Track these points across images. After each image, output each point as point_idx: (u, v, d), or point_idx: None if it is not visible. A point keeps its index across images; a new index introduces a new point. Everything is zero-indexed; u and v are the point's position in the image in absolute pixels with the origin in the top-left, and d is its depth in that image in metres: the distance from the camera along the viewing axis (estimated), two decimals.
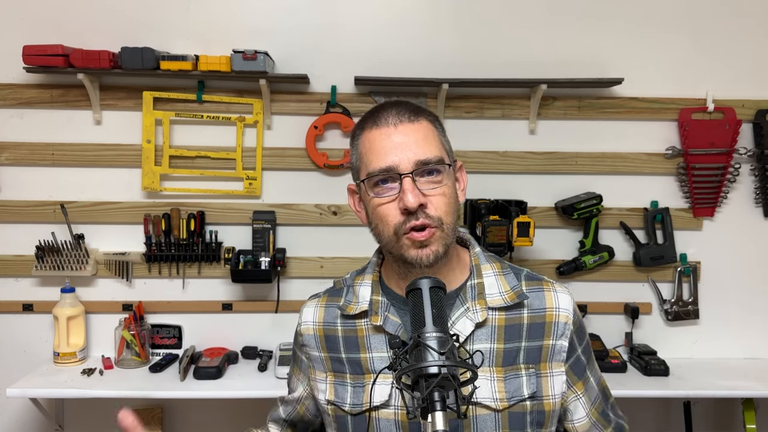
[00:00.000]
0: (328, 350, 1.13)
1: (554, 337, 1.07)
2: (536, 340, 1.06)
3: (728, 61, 2.26)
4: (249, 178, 2.23)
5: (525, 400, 1.03)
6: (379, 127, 1.03)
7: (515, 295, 1.07)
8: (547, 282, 1.12)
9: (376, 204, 1.03)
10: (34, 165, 2.20)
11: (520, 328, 1.06)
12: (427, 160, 1.00)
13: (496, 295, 1.07)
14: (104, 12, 2.16)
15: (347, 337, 1.11)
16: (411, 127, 1.02)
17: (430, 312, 0.86)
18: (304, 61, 2.19)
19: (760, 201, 2.30)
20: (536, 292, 1.09)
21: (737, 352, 2.35)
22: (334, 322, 1.13)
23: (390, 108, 1.04)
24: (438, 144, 1.03)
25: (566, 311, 1.08)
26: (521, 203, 2.20)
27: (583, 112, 2.26)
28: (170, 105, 2.20)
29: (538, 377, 1.05)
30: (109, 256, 2.22)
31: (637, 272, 2.32)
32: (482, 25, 2.22)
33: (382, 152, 1.01)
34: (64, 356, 2.15)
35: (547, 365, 1.06)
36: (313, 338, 1.15)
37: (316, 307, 1.17)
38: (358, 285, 1.14)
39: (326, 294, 1.19)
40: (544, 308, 1.08)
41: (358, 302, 1.11)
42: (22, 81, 2.17)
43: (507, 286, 1.08)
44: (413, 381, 0.83)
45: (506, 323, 1.06)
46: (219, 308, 2.28)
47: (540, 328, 1.07)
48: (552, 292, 1.10)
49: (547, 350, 1.06)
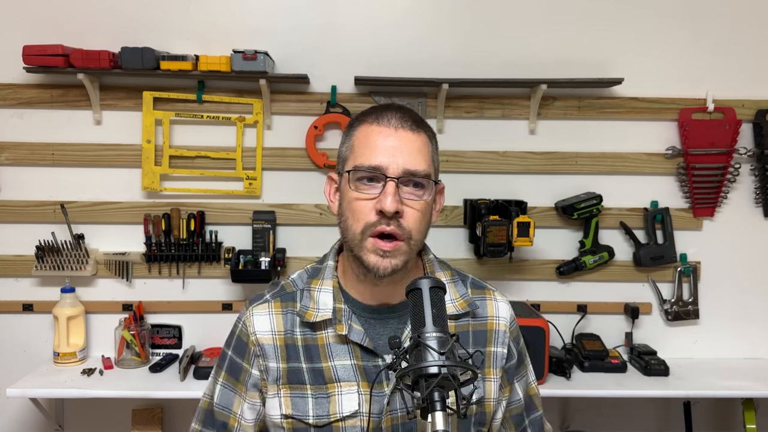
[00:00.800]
0: (287, 360, 1.07)
1: (495, 344, 1.11)
2: (480, 347, 1.10)
3: (728, 61, 2.26)
4: (249, 178, 2.23)
5: (472, 404, 1.05)
6: (380, 125, 1.03)
7: (465, 304, 1.11)
8: (489, 290, 1.16)
9: (353, 197, 1.02)
10: (34, 165, 2.20)
11: (466, 336, 1.10)
12: (416, 172, 1.00)
13: (448, 302, 1.05)
14: (104, 12, 2.16)
15: (307, 346, 1.06)
16: (410, 135, 1.02)
17: (430, 312, 0.86)
18: (304, 61, 2.19)
19: (760, 201, 2.30)
20: (480, 300, 1.13)
21: (737, 352, 2.35)
22: (293, 330, 1.08)
23: (395, 111, 1.04)
24: (429, 160, 1.04)
25: (505, 320, 1.13)
26: (521, 203, 2.20)
27: (583, 112, 2.26)
28: (170, 105, 2.20)
29: (484, 381, 1.10)
30: (109, 256, 2.22)
31: (637, 272, 2.32)
32: (482, 25, 2.22)
33: (375, 150, 1.01)
34: (64, 356, 2.15)
35: (492, 371, 1.10)
36: (273, 348, 1.08)
37: (271, 314, 1.10)
38: (316, 290, 1.10)
39: (277, 298, 1.12)
40: (486, 317, 1.12)
41: (319, 309, 1.07)
42: (22, 81, 2.17)
43: (457, 294, 1.12)
44: (413, 381, 0.83)
45: (456, 331, 1.08)
46: (219, 308, 2.28)
47: (483, 335, 1.11)
48: (493, 301, 1.14)
49: (491, 356, 1.11)
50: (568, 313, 2.31)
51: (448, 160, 2.22)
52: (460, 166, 2.25)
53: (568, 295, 2.32)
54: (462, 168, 2.25)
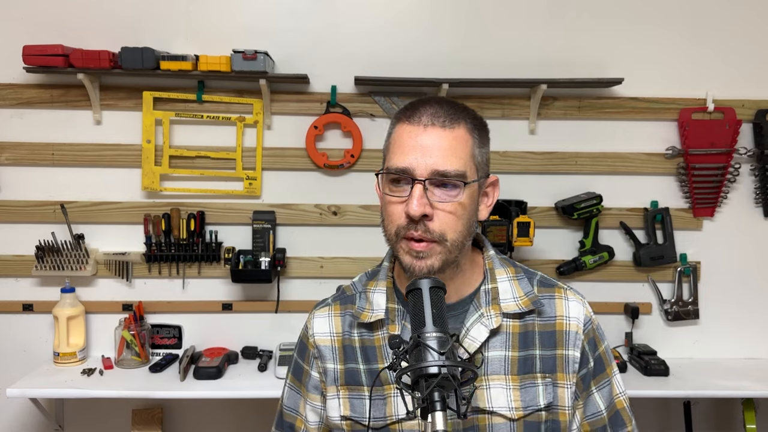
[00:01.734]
0: (345, 362, 1.07)
1: (566, 347, 1.04)
2: (549, 349, 1.03)
3: (728, 61, 2.26)
4: (249, 178, 2.23)
5: (540, 410, 1.01)
6: (411, 122, 0.98)
7: (530, 302, 1.04)
8: (560, 288, 1.09)
9: (386, 200, 1.00)
10: (34, 165, 2.20)
11: (533, 336, 1.04)
12: (446, 172, 0.95)
13: (510, 300, 1.04)
14: (104, 12, 2.16)
15: (365, 347, 1.06)
16: (441, 133, 0.96)
17: (430, 312, 0.86)
18: (304, 61, 2.19)
19: (760, 201, 2.30)
20: (548, 299, 1.07)
21: (737, 352, 2.35)
22: (350, 331, 1.08)
23: (429, 106, 0.99)
24: (467, 156, 0.98)
25: (576, 320, 1.05)
26: (521, 203, 2.20)
27: (583, 112, 2.26)
28: (170, 105, 2.20)
29: (555, 387, 1.03)
30: (109, 256, 2.22)
31: (637, 272, 2.32)
32: (482, 25, 2.22)
33: (404, 150, 0.97)
34: (64, 356, 2.15)
35: (564, 375, 1.03)
36: (331, 350, 1.08)
37: (330, 317, 1.11)
38: (372, 291, 1.09)
39: (337, 301, 1.13)
40: (554, 316, 1.05)
41: (373, 310, 1.07)
42: (22, 81, 2.17)
43: (521, 292, 1.06)
44: (413, 381, 0.82)
45: (520, 330, 1.04)
46: (219, 308, 2.28)
47: (551, 336, 1.04)
48: (563, 300, 1.07)
49: (562, 360, 1.04)
50: None
51: None
52: None
53: None
54: None
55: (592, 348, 1.07)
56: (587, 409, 1.07)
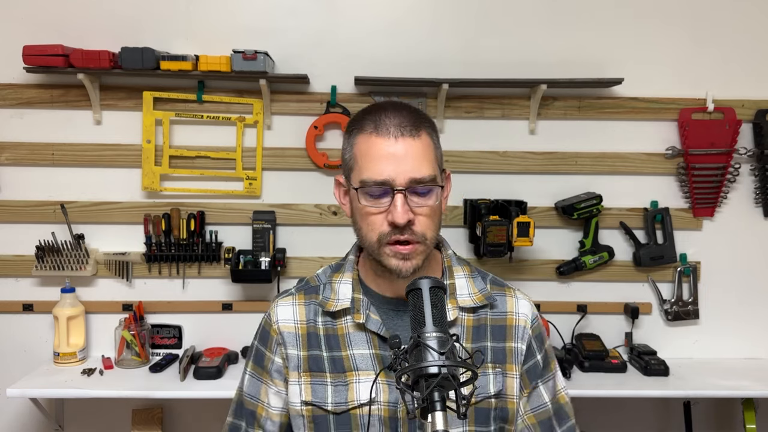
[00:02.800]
0: (308, 349, 1.11)
1: (515, 340, 1.11)
2: (500, 342, 1.10)
3: (728, 61, 2.26)
4: (249, 178, 2.23)
5: (490, 397, 1.07)
6: (380, 134, 1.01)
7: (483, 297, 1.12)
8: (509, 288, 1.17)
9: (366, 212, 1.04)
10: (34, 165, 2.20)
11: (485, 329, 1.10)
12: (422, 179, 1.00)
13: (465, 296, 1.12)
14: (104, 12, 2.16)
15: (328, 335, 1.10)
16: (411, 142, 1.01)
17: (430, 312, 0.87)
18: (304, 61, 2.19)
19: (760, 201, 2.30)
20: (500, 296, 1.14)
21: (737, 352, 2.35)
22: (315, 319, 1.12)
23: (392, 115, 1.03)
24: (433, 159, 1.04)
25: (525, 316, 1.13)
26: (521, 203, 2.20)
27: (583, 112, 2.26)
28: (170, 105, 2.20)
29: (504, 376, 1.09)
30: (109, 256, 2.22)
31: (637, 272, 2.32)
32: (482, 25, 2.22)
33: (379, 163, 1.01)
34: (64, 356, 2.15)
35: (513, 366, 1.10)
36: (294, 336, 1.12)
37: (294, 305, 1.15)
38: (337, 282, 1.15)
39: (301, 291, 1.17)
40: (506, 312, 1.13)
41: (338, 299, 1.12)
42: (22, 81, 2.17)
43: (475, 288, 1.13)
44: (413, 381, 0.83)
45: (473, 324, 1.10)
46: (219, 308, 2.28)
47: (502, 330, 1.11)
48: (513, 298, 1.15)
49: (511, 352, 1.10)
50: (568, 313, 2.31)
51: (448, 160, 2.22)
52: (460, 166, 2.24)
53: (568, 295, 2.32)
54: (462, 168, 2.25)
55: (538, 343, 1.14)
56: (532, 401, 1.13)
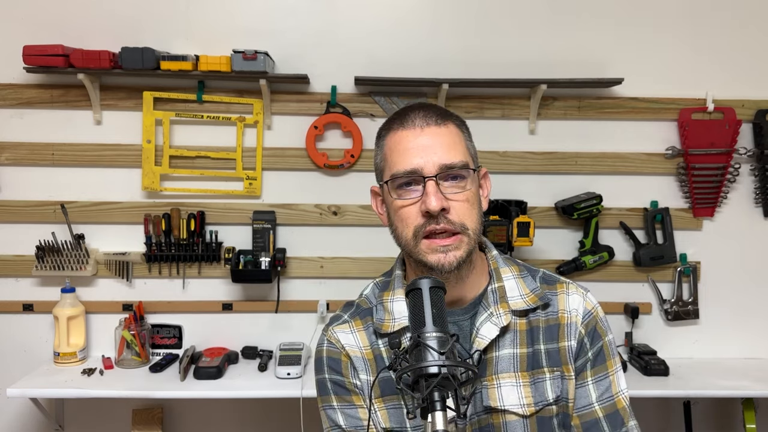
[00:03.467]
0: (378, 372, 1.05)
1: (568, 338, 1.05)
2: (553, 342, 1.05)
3: (728, 61, 2.26)
4: (249, 178, 2.23)
5: (551, 404, 1.02)
6: (406, 128, 1.01)
7: (536, 298, 1.06)
8: (562, 283, 1.10)
9: (398, 206, 1.01)
10: (34, 165, 2.20)
11: (538, 331, 1.05)
12: (452, 164, 0.98)
13: (517, 298, 1.06)
14: (104, 12, 2.16)
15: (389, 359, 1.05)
16: (438, 130, 1.00)
17: (430, 312, 0.86)
18: (304, 61, 2.19)
19: (760, 201, 2.30)
20: (552, 294, 1.08)
21: (737, 352, 2.35)
22: (377, 342, 1.07)
23: (418, 110, 1.02)
24: (464, 149, 1.02)
25: (576, 311, 1.06)
26: (521, 203, 2.20)
27: (583, 112, 2.26)
28: (170, 105, 2.20)
29: (563, 380, 1.04)
30: (109, 256, 2.22)
31: (637, 272, 2.32)
32: (482, 25, 2.22)
33: (407, 154, 0.99)
34: (65, 356, 2.15)
35: (569, 367, 1.04)
36: (362, 361, 1.06)
37: (354, 332, 1.09)
38: (389, 301, 1.08)
39: (356, 317, 1.11)
40: (557, 310, 1.07)
41: (395, 318, 1.06)
42: (22, 81, 2.17)
43: (527, 289, 1.08)
44: (413, 381, 0.83)
45: (526, 327, 1.05)
46: (219, 308, 2.28)
47: (555, 330, 1.05)
48: (564, 294, 1.08)
49: (565, 352, 1.05)
50: None
51: None
52: None
53: None
54: None
55: (590, 338, 1.06)
56: (578, 401, 1.05)
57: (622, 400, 1.07)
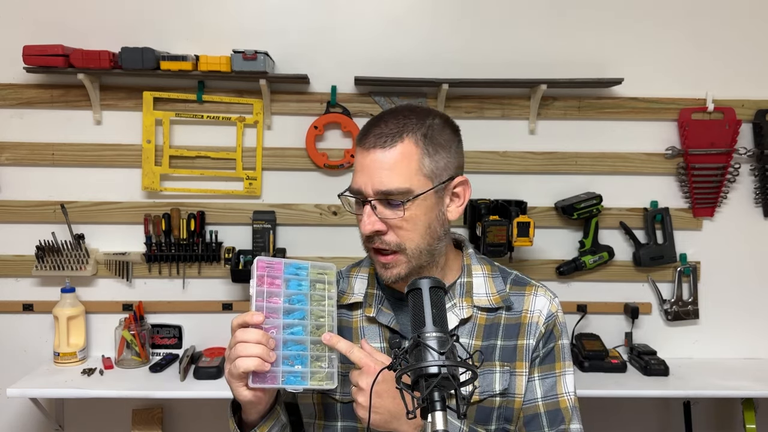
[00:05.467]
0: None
1: (527, 337, 1.11)
2: (511, 340, 1.10)
3: (728, 61, 2.26)
4: (249, 178, 2.23)
5: (495, 395, 1.07)
6: (362, 144, 1.06)
7: (500, 299, 1.12)
8: (531, 286, 1.15)
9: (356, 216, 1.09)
10: (34, 165, 2.20)
11: (497, 327, 1.11)
12: (388, 191, 1.01)
13: (482, 295, 1.13)
14: (104, 12, 2.16)
15: (342, 327, 1.13)
16: (381, 155, 1.02)
17: (430, 312, 0.86)
18: (304, 61, 2.19)
19: (760, 201, 2.30)
20: (518, 296, 1.14)
21: (737, 352, 2.35)
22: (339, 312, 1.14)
23: (376, 126, 1.05)
24: (410, 171, 1.01)
25: (539, 312, 1.12)
26: (521, 203, 2.20)
27: (583, 112, 2.26)
28: (170, 105, 2.20)
29: (512, 375, 1.09)
30: (109, 256, 2.22)
31: (636, 272, 2.32)
32: (482, 25, 2.22)
33: (357, 172, 1.06)
34: (65, 356, 2.15)
35: (522, 364, 1.10)
36: None
37: None
38: (354, 276, 1.20)
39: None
40: (521, 310, 1.13)
41: (353, 293, 1.17)
42: (22, 81, 2.16)
43: (494, 289, 1.14)
44: (413, 381, 0.83)
45: (486, 322, 1.11)
46: (219, 308, 2.28)
47: (515, 328, 1.11)
48: (532, 296, 1.14)
49: (522, 349, 1.10)
50: (568, 312, 2.28)
51: None
52: None
53: (568, 295, 2.32)
54: None
55: (546, 338, 1.12)
56: (525, 394, 1.10)
57: (566, 400, 1.11)
